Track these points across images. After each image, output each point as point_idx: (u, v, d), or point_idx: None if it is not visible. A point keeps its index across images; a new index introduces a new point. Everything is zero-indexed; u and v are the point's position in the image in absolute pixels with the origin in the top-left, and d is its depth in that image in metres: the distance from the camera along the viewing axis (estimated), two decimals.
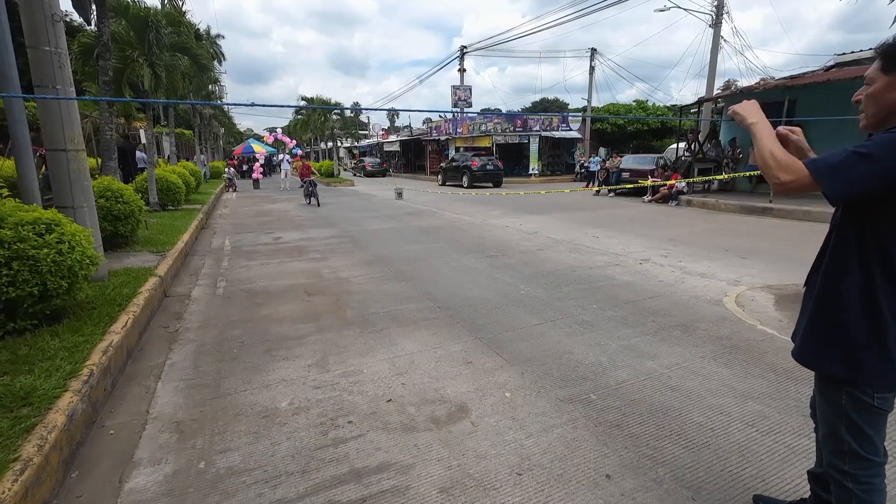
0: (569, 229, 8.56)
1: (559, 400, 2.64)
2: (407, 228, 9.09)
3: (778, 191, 1.28)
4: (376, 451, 2.21)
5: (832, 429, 1.42)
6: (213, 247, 7.63)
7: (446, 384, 2.85)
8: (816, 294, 1.43)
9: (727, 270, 5.43)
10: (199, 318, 4.15)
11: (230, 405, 2.64)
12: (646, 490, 1.93)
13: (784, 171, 1.25)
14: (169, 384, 2.92)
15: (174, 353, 3.38)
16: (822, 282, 1.41)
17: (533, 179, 24.67)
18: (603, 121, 29.48)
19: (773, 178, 1.28)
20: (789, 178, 1.24)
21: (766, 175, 1.30)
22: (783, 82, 11.95)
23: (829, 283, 1.39)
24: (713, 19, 17.12)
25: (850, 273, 1.33)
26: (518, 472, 2.05)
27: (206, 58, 12.81)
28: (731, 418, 2.44)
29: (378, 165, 34.32)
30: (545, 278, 5.19)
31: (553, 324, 3.81)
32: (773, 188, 1.27)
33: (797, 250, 6.51)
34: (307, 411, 2.57)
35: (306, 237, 8.33)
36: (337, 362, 3.18)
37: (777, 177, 1.26)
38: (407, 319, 3.98)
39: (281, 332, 3.76)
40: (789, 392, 2.70)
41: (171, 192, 10.77)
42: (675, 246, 6.91)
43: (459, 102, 29.62)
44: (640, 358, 3.16)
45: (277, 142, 34.06)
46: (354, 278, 5.38)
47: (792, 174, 1.24)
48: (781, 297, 4.44)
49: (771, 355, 3.19)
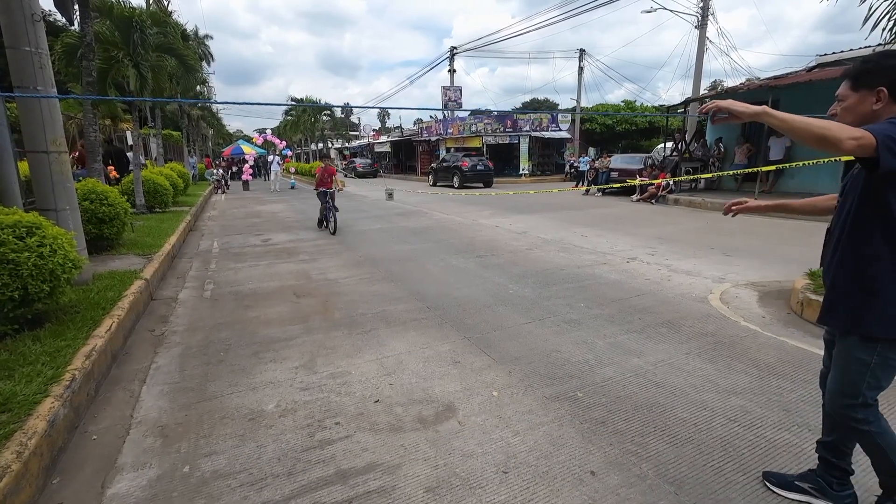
0: (558, 229, 8.61)
1: (546, 398, 2.66)
2: (397, 229, 9.08)
3: (835, 150, 1.37)
4: (363, 451, 2.21)
5: (852, 387, 1.64)
6: (200, 249, 7.56)
7: (434, 384, 2.85)
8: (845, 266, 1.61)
9: (712, 268, 5.51)
10: (186, 320, 4.11)
11: (216, 408, 2.63)
12: (630, 486, 1.95)
13: (849, 134, 1.35)
14: (154, 388, 2.89)
15: (160, 357, 3.35)
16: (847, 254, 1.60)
17: (523, 179, 24.77)
18: (592, 120, 29.72)
19: (835, 140, 1.35)
20: (855, 141, 1.34)
21: (825, 139, 1.37)
22: (767, 82, 12.15)
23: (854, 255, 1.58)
24: (699, 21, 17.33)
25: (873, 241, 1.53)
26: (504, 470, 2.06)
27: (192, 58, 12.68)
28: (714, 413, 2.48)
29: (369, 166, 34.26)
30: (534, 277, 5.22)
31: (541, 322, 3.83)
32: (830, 149, 1.37)
33: (780, 247, 6.62)
34: (294, 413, 2.56)
35: (295, 239, 8.28)
36: (325, 363, 3.17)
37: (840, 138, 1.35)
38: (395, 320, 3.98)
39: (269, 334, 3.74)
40: (770, 387, 2.74)
41: (158, 194, 10.65)
42: (662, 244, 6.99)
43: (450, 103, 29.64)
44: (627, 355, 3.20)
45: (267, 143, 33.84)
46: (343, 279, 5.36)
47: (857, 137, 1.34)
48: (765, 294, 4.52)
49: (754, 351, 3.24)
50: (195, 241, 8.31)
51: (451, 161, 21.94)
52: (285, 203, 15.30)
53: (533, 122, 26.17)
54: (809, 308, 3.81)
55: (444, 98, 29.60)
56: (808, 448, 2.16)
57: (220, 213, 12.77)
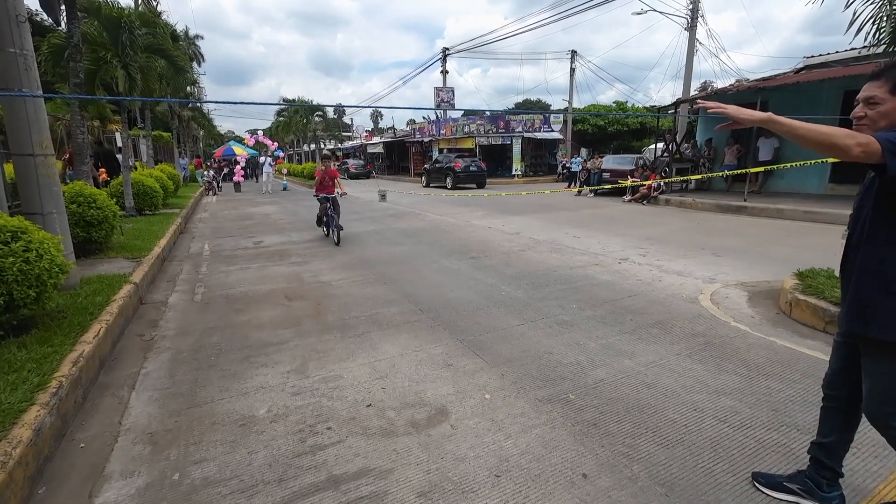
0: (550, 230, 8.64)
1: (538, 400, 2.66)
2: (389, 231, 9.06)
3: (843, 156, 1.39)
4: (355, 456, 2.20)
5: (888, 394, 1.62)
6: (191, 252, 7.49)
7: (427, 387, 2.85)
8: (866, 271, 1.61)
9: (703, 268, 5.56)
10: (176, 325, 4.07)
11: (206, 414, 2.60)
12: (621, 488, 1.96)
13: (856, 141, 1.37)
14: (143, 394, 2.85)
15: (149, 362, 3.31)
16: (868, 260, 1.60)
17: (516, 180, 24.83)
18: (584, 121, 29.87)
19: (844, 147, 1.38)
20: (861, 148, 1.37)
21: (834, 146, 1.39)
22: (756, 84, 12.28)
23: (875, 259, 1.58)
24: (688, 22, 17.50)
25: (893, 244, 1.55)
26: (496, 473, 2.06)
27: (182, 59, 12.54)
28: (704, 414, 2.50)
29: (362, 167, 34.15)
30: (526, 279, 5.23)
31: (533, 324, 3.84)
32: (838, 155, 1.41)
33: (770, 248, 6.70)
34: (286, 418, 2.54)
35: (287, 241, 8.24)
36: (317, 368, 3.15)
37: (848, 145, 1.37)
38: (388, 323, 3.97)
39: (260, 338, 3.71)
40: (760, 387, 2.77)
41: (148, 196, 10.54)
42: (653, 245, 7.04)
43: (442, 104, 29.67)
44: (618, 357, 3.21)
45: (259, 144, 33.64)
46: (336, 282, 5.34)
47: (864, 144, 1.37)
48: (754, 294, 4.56)
49: (743, 351, 3.27)
50: (186, 244, 8.23)
51: (444, 162, 21.94)
52: (277, 205, 15.22)
53: (525, 123, 26.25)
54: (798, 308, 3.86)
55: (437, 99, 29.61)
56: (797, 447, 2.19)
57: (212, 215, 12.67)
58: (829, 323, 3.55)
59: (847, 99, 11.60)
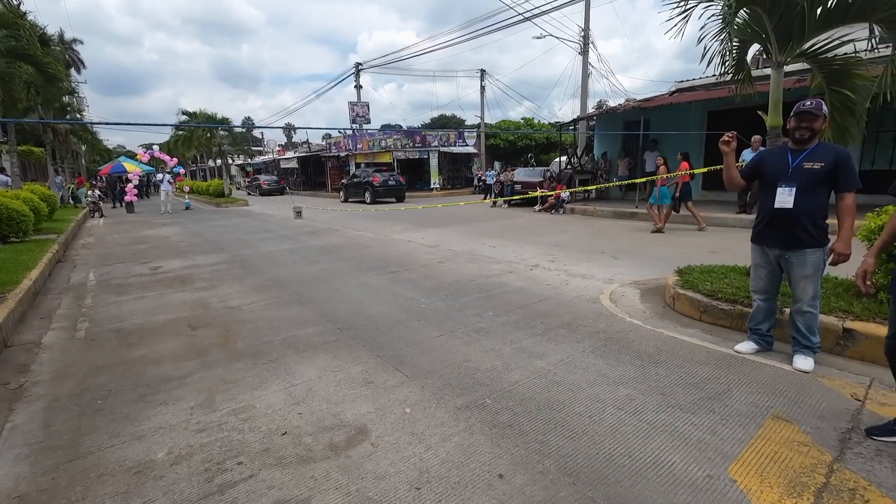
0: (468, 241, 8.92)
1: (457, 408, 2.74)
2: (306, 248, 8.75)
3: None
4: (269, 489, 2.09)
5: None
6: (72, 282, 6.60)
7: (346, 408, 2.79)
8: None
9: (603, 270, 6.10)
10: (53, 367, 3.56)
11: (92, 465, 2.31)
12: (534, 483, 2.09)
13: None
14: (8, 453, 2.46)
15: (17, 414, 2.86)
16: None
17: (435, 193, 25.30)
18: (496, 136, 31.37)
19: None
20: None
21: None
22: (640, 104, 13.85)
23: None
24: (581, 47, 19.26)
25: None
26: (417, 486, 2.08)
27: (55, 66, 11.13)
28: (605, 404, 2.74)
29: (275, 183, 32.60)
30: (445, 290, 5.35)
31: (452, 334, 3.94)
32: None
33: (657, 249, 7.53)
34: (189, 459, 2.34)
35: (191, 265, 7.59)
36: (225, 399, 2.95)
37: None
38: (305, 345, 3.83)
39: (158, 373, 3.38)
40: (650, 374, 3.10)
41: (14, 221, 9.08)
42: (561, 251, 7.58)
43: (358, 119, 29.42)
44: (531, 358, 3.41)
45: (155, 160, 30.59)
46: (246, 306, 5.03)
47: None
48: (645, 291, 5.10)
49: (637, 343, 3.64)
50: (65, 274, 7.24)
51: (362, 177, 21.74)
52: (178, 225, 13.97)
53: (441, 138, 26.94)
54: (679, 301, 4.39)
55: (352, 113, 29.33)
56: (679, 425, 2.49)
57: (98, 240, 11.27)
58: (704, 312, 4.08)
59: (710, 117, 13.55)
